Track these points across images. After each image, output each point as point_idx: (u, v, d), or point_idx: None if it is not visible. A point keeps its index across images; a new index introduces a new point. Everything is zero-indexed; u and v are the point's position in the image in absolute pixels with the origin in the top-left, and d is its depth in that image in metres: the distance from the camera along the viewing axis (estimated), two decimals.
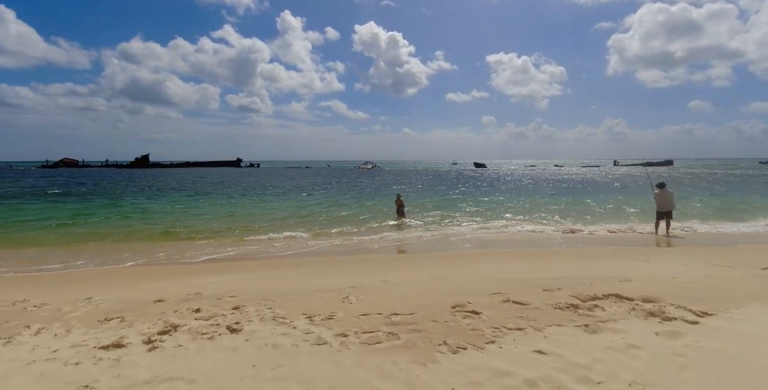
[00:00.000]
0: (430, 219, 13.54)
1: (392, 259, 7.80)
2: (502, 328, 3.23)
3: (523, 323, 3.35)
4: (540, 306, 3.82)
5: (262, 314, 3.74)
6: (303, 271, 6.31)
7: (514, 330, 3.20)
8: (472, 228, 11.67)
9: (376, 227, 11.94)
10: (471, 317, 3.50)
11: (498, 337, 3.05)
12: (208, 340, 3.12)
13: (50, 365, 2.74)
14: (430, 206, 17.39)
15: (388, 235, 10.70)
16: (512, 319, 3.45)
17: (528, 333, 3.17)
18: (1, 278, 6.73)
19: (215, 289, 5.02)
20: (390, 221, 12.88)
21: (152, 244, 9.67)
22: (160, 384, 2.47)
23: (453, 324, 3.33)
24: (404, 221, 12.79)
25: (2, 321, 3.89)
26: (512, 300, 3.95)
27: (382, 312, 3.68)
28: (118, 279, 6.27)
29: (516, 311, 3.64)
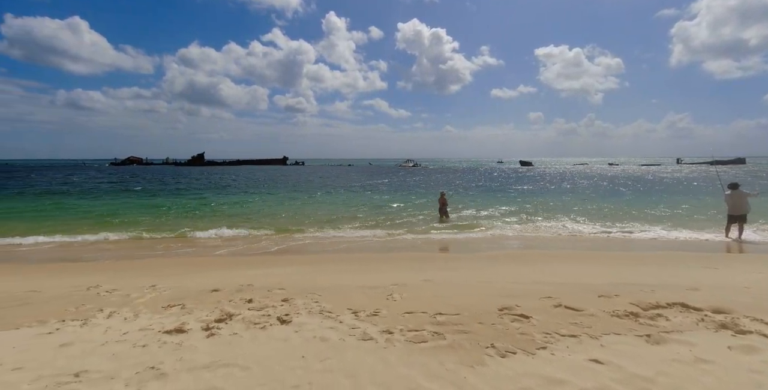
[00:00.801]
0: (474, 218, 13.29)
1: (435, 258, 7.74)
2: (554, 333, 3.09)
3: (577, 330, 3.19)
4: (596, 313, 3.61)
5: (310, 307, 3.85)
6: (347, 267, 6.42)
7: (567, 337, 3.06)
8: (519, 228, 11.30)
9: (419, 225, 11.89)
10: (520, 321, 3.39)
11: (550, 343, 2.93)
12: (260, 329, 3.26)
13: (121, 346, 2.99)
14: (474, 205, 17.05)
15: (431, 233, 10.62)
16: (565, 325, 3.29)
17: (583, 341, 3.01)
18: (79, 265, 7.44)
19: (265, 281, 5.23)
20: (433, 219, 12.80)
21: (208, 239, 10.27)
22: (217, 369, 2.61)
23: (501, 327, 3.24)
24: (447, 220, 12.62)
25: (79, 304, 4.29)
26: (564, 305, 3.77)
27: (426, 311, 3.66)
28: (179, 268, 6.72)
29: (569, 317, 3.48)
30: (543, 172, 56.53)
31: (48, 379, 2.47)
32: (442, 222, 12.37)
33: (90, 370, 2.60)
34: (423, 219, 13.07)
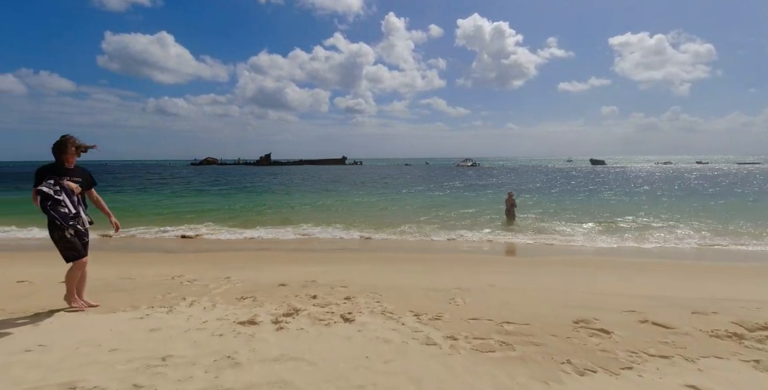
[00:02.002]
0: (543, 221, 12.56)
1: (500, 262, 7.42)
2: (640, 353, 2.78)
3: (668, 350, 2.84)
4: (690, 332, 3.20)
5: (372, 307, 3.87)
6: (408, 268, 6.38)
7: (657, 357, 2.73)
8: (593, 233, 10.47)
9: (483, 227, 11.51)
10: (599, 336, 3.10)
11: (636, 363, 2.63)
12: (325, 326, 3.34)
13: (201, 334, 3.22)
14: (542, 207, 16.15)
15: (495, 235, 10.23)
16: (654, 343, 2.95)
17: (676, 363, 2.67)
18: (166, 256, 8.23)
19: (328, 278, 5.37)
20: (498, 221, 12.32)
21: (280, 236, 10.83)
22: (286, 362, 2.70)
23: (577, 341, 2.98)
24: (514, 222, 12.03)
25: (165, 292, 4.72)
26: (652, 321, 3.38)
27: (492, 318, 3.49)
28: (250, 262, 7.14)
29: (658, 335, 3.11)
30: (622, 170, 52.05)
31: (139, 362, 2.73)
32: (509, 224, 11.84)
33: (174, 354, 2.83)
34: (488, 220, 12.62)
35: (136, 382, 2.45)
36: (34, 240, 10.20)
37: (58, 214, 3.44)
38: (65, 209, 3.48)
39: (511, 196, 12.66)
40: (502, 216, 12.67)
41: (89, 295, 4.20)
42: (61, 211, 3.45)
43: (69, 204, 3.51)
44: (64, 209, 3.47)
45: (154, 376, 2.54)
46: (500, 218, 12.68)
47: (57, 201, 3.44)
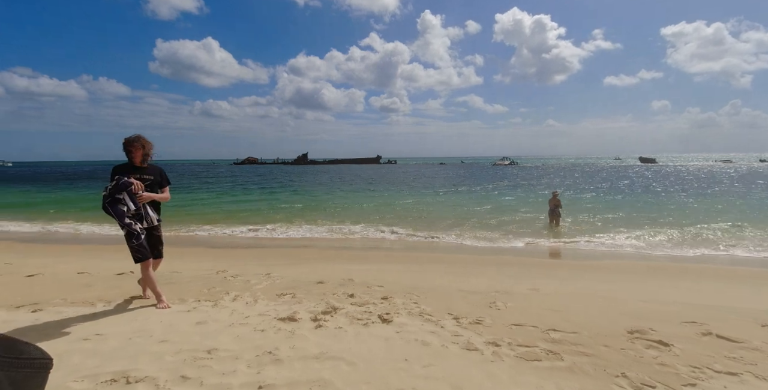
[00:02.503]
0: (590, 222, 11.94)
1: (542, 265, 7.12)
2: (704, 368, 2.54)
3: (736, 367, 2.58)
4: (761, 346, 2.90)
5: (409, 308, 3.81)
6: (445, 268, 6.26)
7: (723, 374, 2.49)
8: (646, 236, 9.83)
9: (525, 228, 11.11)
10: (657, 349, 2.87)
11: (700, 379, 2.41)
12: (363, 326, 3.32)
13: (244, 329, 3.30)
14: (589, 207, 15.38)
15: (538, 237, 9.85)
16: (719, 358, 2.69)
17: (746, 381, 2.42)
18: (212, 251, 8.58)
19: (365, 277, 5.37)
20: (542, 222, 11.81)
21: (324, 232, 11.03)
22: (326, 360, 2.71)
23: (632, 353, 2.78)
24: (558, 223, 11.37)
25: (210, 286, 4.90)
26: (716, 333, 3.10)
27: (537, 325, 3.34)
28: (289, 259, 7.30)
29: (724, 349, 2.84)
30: (675, 170, 48.74)
31: (186, 354, 2.83)
32: (553, 226, 11.25)
33: (219, 348, 2.91)
34: (530, 221, 12.15)
35: (183, 374, 2.54)
36: (90, 234, 10.99)
37: (115, 212, 3.42)
38: (124, 207, 3.44)
39: (556, 196, 11.79)
40: (546, 217, 11.94)
41: (135, 291, 4.45)
42: (119, 209, 3.43)
43: (129, 201, 3.46)
44: (123, 207, 3.44)
45: (201, 368, 2.62)
46: (544, 219, 12.09)
47: (117, 199, 3.42)
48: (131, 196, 3.47)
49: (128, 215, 3.46)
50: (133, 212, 3.49)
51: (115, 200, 3.42)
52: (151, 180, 3.66)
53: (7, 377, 0.62)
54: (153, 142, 3.77)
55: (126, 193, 3.44)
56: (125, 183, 3.45)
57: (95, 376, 2.51)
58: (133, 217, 3.52)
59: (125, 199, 3.44)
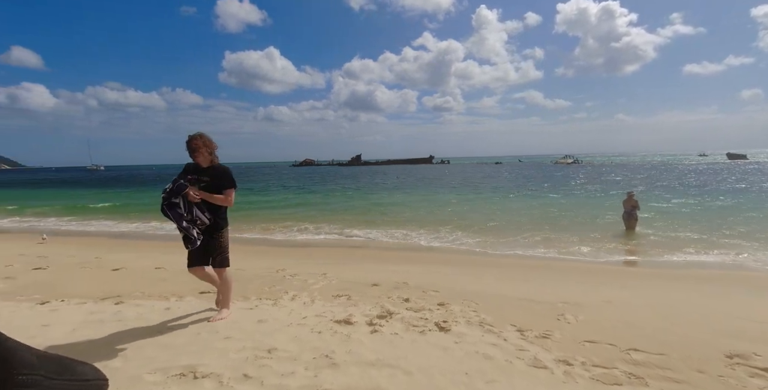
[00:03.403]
0: (671, 226, 10.71)
1: (613, 273, 6.50)
2: None
3: None
4: None
5: (468, 316, 3.63)
6: (504, 274, 5.94)
7: None
8: (742, 242, 8.65)
9: (595, 232, 10.26)
10: (764, 377, 2.44)
11: None
12: (419, 333, 3.21)
13: (301, 330, 3.34)
14: (671, 210, 13.89)
15: (611, 241, 9.06)
16: None
17: None
18: (271, 249, 8.96)
19: (419, 280, 5.25)
20: (616, 226, 10.71)
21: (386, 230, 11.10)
22: (382, 368, 2.63)
23: (734, 382, 2.38)
24: (634, 229, 10.14)
25: (271, 284, 5.07)
26: None
27: (614, 343, 3.00)
28: (345, 259, 7.39)
29: None
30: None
31: (249, 351, 2.91)
32: (628, 230, 10.09)
33: (279, 348, 2.96)
34: (604, 225, 11.13)
35: (246, 372, 2.61)
36: (169, 231, 11.98)
37: (173, 216, 3.26)
38: (180, 210, 3.26)
39: (632, 197, 10.40)
40: (620, 220, 10.68)
41: (204, 287, 4.69)
42: (176, 212, 3.26)
43: (182, 205, 3.28)
44: (180, 210, 3.26)
45: (261, 368, 2.67)
46: (618, 223, 10.87)
47: (173, 203, 3.26)
48: (185, 199, 3.28)
49: (186, 219, 3.28)
50: (189, 217, 3.29)
51: (172, 204, 3.26)
52: (208, 182, 3.39)
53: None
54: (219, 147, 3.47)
55: (181, 196, 3.26)
56: (180, 185, 3.28)
57: (166, 369, 2.65)
58: (191, 221, 3.31)
59: (180, 203, 3.26)
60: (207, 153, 3.38)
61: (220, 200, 3.39)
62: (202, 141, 3.34)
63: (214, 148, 3.44)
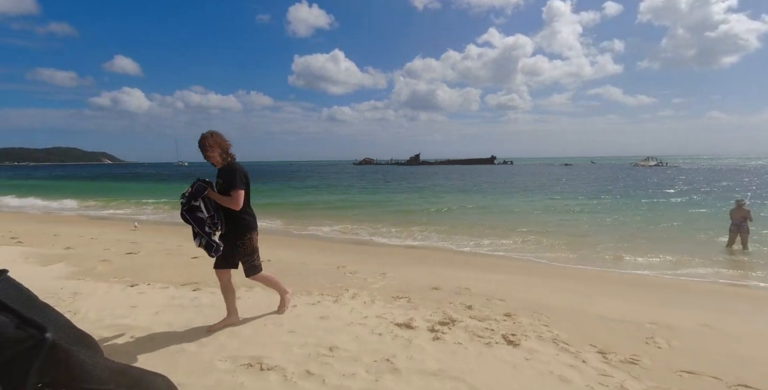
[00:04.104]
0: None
1: (719, 294, 5.61)
2: None
3: None
4: None
5: (539, 331, 3.35)
6: (576, 286, 5.44)
7: None
8: None
9: (694, 243, 9.04)
10: None
11: None
12: (485, 345, 3.02)
13: (362, 330, 3.31)
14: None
15: (715, 256, 7.95)
16: None
17: None
18: (332, 245, 9.16)
19: (483, 287, 5.00)
20: (720, 239, 9.21)
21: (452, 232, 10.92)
22: (446, 380, 2.50)
23: None
24: (747, 242, 8.56)
25: (332, 281, 5.13)
26: None
27: (718, 376, 2.58)
28: (404, 259, 7.31)
29: None
30: None
31: (311, 347, 2.93)
32: (736, 245, 8.56)
33: (339, 346, 2.95)
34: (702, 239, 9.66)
35: (308, 368, 2.62)
36: None
37: (194, 221, 3.05)
38: (202, 214, 3.06)
39: (742, 206, 8.73)
40: (725, 234, 9.02)
41: (283, 277, 4.86)
42: (197, 217, 3.05)
43: (204, 208, 3.06)
44: (201, 214, 3.05)
45: (323, 365, 2.67)
46: (723, 236, 9.23)
47: (194, 206, 3.05)
48: (206, 202, 3.08)
49: (208, 223, 3.07)
50: (210, 221, 3.09)
51: (192, 208, 3.05)
52: (221, 184, 3.17)
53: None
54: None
55: (201, 199, 3.06)
56: (200, 187, 3.08)
57: (235, 358, 2.76)
58: (213, 225, 3.12)
59: (202, 206, 3.06)
60: (220, 152, 3.17)
61: (226, 201, 3.11)
62: (214, 140, 3.15)
63: (227, 146, 3.23)
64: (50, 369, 0.52)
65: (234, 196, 3.09)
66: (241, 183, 3.12)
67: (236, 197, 3.09)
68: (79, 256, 6.43)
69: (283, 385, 2.42)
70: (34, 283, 4.25)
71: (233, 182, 3.10)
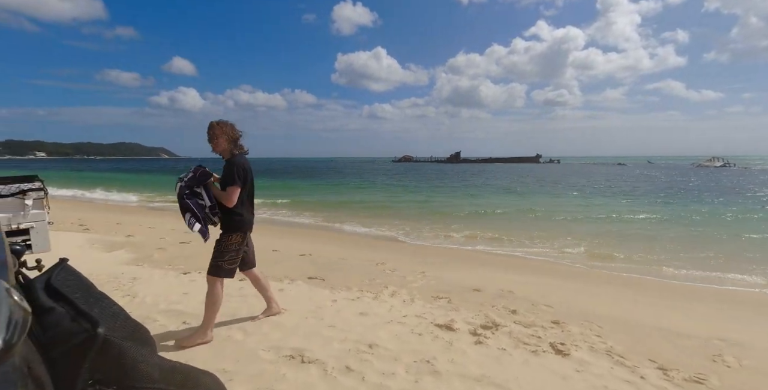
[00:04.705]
0: None
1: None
2: None
3: None
4: None
5: (591, 341, 3.15)
6: (639, 297, 5.04)
7: None
8: None
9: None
10: None
11: None
12: (531, 353, 2.87)
13: (401, 328, 3.27)
14: None
15: None
16: None
17: None
18: (370, 242, 9.20)
19: (527, 291, 4.80)
20: None
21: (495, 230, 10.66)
22: (489, 387, 2.40)
23: None
24: None
25: (371, 277, 5.13)
26: None
27: None
28: (444, 258, 7.18)
29: None
30: None
31: (350, 343, 2.93)
32: None
33: (379, 344, 2.93)
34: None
35: (348, 364, 2.62)
36: (279, 218, 13.20)
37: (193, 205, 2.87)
38: (203, 200, 2.92)
39: None
40: None
41: (323, 271, 4.94)
42: (197, 202, 2.90)
43: (206, 197, 2.92)
44: (201, 201, 2.91)
45: (363, 362, 2.66)
46: None
47: (195, 192, 2.92)
48: (207, 190, 2.93)
49: (207, 212, 2.92)
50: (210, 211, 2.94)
51: (194, 193, 2.91)
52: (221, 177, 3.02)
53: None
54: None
55: (204, 186, 2.93)
56: (204, 173, 2.92)
57: (278, 348, 2.81)
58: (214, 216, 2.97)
59: (203, 193, 2.92)
60: (226, 142, 2.94)
61: (221, 196, 2.90)
62: (221, 128, 2.92)
63: (236, 137, 2.98)
64: (102, 365, 0.52)
65: (228, 192, 2.88)
66: (238, 179, 2.88)
67: (230, 193, 2.88)
68: (138, 243, 6.91)
69: (324, 380, 2.44)
70: (100, 268, 4.58)
71: (230, 177, 2.88)
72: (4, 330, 0.38)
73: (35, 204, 2.64)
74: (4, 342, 0.37)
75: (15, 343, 0.38)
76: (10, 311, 0.39)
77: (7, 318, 0.38)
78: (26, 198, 2.61)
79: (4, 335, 0.37)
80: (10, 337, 0.37)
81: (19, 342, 0.38)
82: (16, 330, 0.38)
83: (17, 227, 2.49)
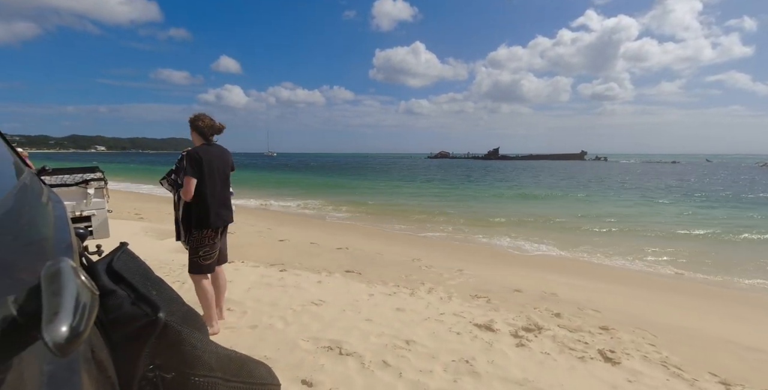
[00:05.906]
0: None
1: None
2: None
3: None
4: None
5: (644, 350, 2.94)
6: (699, 304, 4.65)
7: None
8: None
9: None
10: None
11: None
12: (578, 359, 2.72)
13: (439, 326, 3.21)
14: None
15: None
16: None
17: None
18: (408, 237, 9.15)
19: (572, 294, 4.57)
20: None
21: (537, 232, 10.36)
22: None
23: None
24: None
25: (408, 273, 5.09)
26: None
27: None
28: (483, 257, 7.00)
29: None
30: None
31: (387, 338, 2.92)
32: None
33: (416, 341, 2.89)
34: None
35: (385, 359, 2.61)
36: (319, 211, 13.44)
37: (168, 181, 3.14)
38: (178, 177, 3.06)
39: None
40: None
41: (360, 265, 4.97)
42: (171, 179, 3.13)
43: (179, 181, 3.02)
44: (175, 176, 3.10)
45: (400, 358, 2.64)
46: None
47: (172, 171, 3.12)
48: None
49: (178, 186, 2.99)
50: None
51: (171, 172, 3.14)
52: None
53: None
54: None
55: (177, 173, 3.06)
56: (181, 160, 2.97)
57: (317, 339, 2.85)
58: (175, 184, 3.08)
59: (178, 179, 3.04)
60: (196, 136, 2.93)
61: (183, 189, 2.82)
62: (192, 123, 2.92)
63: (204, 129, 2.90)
64: (161, 350, 0.51)
65: (184, 184, 2.77)
66: (191, 170, 2.74)
67: (185, 185, 2.75)
68: None
69: (361, 373, 2.44)
70: (152, 254, 4.86)
71: (184, 169, 2.78)
72: (71, 315, 0.32)
73: (96, 193, 2.83)
74: (71, 329, 0.31)
75: (82, 331, 0.32)
76: (77, 292, 0.35)
77: (75, 300, 0.34)
78: (88, 187, 2.80)
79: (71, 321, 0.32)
80: (77, 324, 0.32)
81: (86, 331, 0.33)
82: (83, 316, 0.33)
83: (80, 214, 2.68)
